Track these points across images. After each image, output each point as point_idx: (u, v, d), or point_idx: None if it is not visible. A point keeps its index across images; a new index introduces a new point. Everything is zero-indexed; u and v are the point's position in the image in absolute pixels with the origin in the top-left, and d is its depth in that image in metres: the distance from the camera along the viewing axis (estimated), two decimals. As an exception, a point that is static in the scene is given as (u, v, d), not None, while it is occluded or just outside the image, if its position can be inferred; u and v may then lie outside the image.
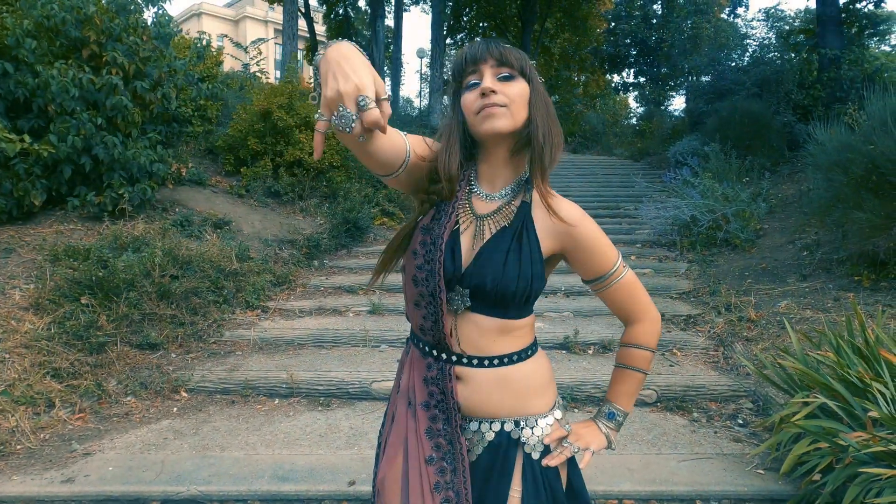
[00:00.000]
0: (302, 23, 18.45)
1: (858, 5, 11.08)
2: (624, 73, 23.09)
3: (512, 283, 1.07)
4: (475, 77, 1.08)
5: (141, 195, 5.27)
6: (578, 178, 11.15)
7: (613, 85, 24.37)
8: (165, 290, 4.10)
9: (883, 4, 11.08)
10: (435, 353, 1.14)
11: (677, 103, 29.44)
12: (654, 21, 21.09)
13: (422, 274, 1.09)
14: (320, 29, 22.94)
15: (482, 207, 1.13)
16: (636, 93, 23.44)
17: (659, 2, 21.21)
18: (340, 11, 20.79)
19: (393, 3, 18.02)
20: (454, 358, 1.13)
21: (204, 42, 6.83)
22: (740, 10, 21.30)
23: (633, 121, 21.00)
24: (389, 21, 18.89)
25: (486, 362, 1.12)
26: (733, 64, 12.25)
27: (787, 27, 13.09)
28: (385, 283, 5.14)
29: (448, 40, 20.48)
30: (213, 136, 7.58)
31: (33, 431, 2.88)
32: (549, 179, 1.12)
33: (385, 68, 18.11)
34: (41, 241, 4.60)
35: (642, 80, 22.39)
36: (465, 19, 21.05)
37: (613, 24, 21.52)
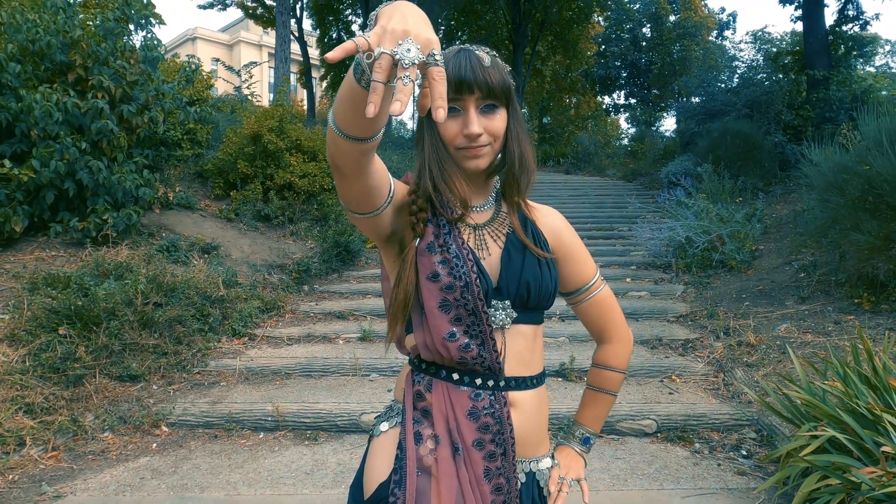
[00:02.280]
0: (296, 47, 18.57)
1: (844, 27, 11.24)
2: (615, 95, 23.39)
3: (549, 282, 1.07)
4: (457, 104, 0.99)
5: (126, 220, 5.15)
6: (571, 198, 11.12)
7: (605, 106, 24.63)
8: (148, 319, 3.96)
9: (868, 26, 11.26)
10: (479, 380, 1.02)
11: (668, 124, 29.76)
12: (644, 44, 21.41)
13: (453, 294, 0.98)
14: (314, 52, 23.12)
15: (474, 218, 1.08)
16: (627, 114, 23.70)
17: (648, 25, 21.55)
18: (334, 35, 20.99)
19: (386, 27, 18.14)
20: (502, 383, 1.04)
21: (192, 66, 6.78)
22: (728, 33, 21.64)
23: (625, 141, 21.16)
24: (382, 44, 18.93)
25: (531, 382, 1.07)
26: (723, 85, 12.35)
27: (774, 49, 13.24)
28: (376, 308, 4.93)
29: (440, 63, 20.59)
30: (203, 159, 7.49)
31: (1, 472, 2.73)
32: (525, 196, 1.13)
33: (378, 91, 18.19)
34: (21, 268, 4.47)
35: (633, 101, 22.65)
36: (457, 42, 21.25)
37: (604, 46, 21.84)
